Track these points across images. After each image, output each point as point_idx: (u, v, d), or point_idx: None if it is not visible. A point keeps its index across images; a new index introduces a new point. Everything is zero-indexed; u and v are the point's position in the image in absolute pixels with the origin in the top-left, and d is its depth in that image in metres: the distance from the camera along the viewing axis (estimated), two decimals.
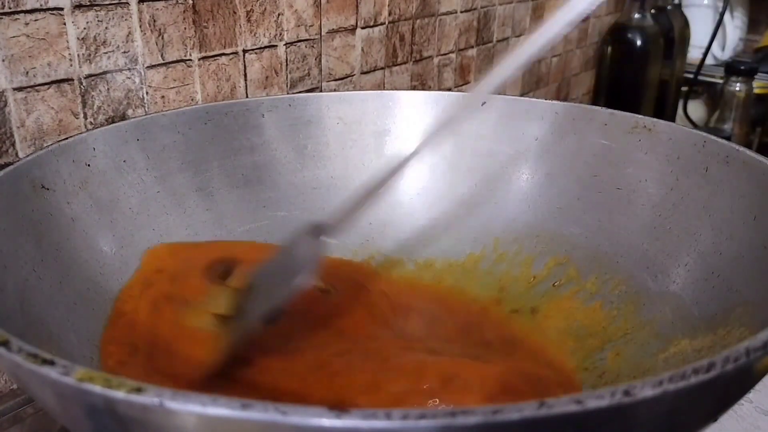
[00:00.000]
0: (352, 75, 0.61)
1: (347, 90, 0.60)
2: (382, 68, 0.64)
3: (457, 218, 0.45)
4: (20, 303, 0.27)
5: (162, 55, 0.45)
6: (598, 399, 0.16)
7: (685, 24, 1.00)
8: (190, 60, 0.47)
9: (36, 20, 0.38)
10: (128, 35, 0.43)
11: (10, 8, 0.37)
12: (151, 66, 0.44)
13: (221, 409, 0.16)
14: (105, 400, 0.17)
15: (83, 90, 0.41)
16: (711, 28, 0.97)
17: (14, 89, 0.38)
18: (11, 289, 0.27)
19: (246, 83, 0.51)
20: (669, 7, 0.97)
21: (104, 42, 0.42)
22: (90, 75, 0.41)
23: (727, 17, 1.06)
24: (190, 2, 0.46)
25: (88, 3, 0.40)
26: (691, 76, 0.97)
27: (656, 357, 0.32)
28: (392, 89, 0.64)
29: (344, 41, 0.59)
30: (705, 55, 0.95)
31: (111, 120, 0.43)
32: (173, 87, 0.46)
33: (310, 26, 0.55)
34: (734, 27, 1.11)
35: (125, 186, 0.37)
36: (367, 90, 0.60)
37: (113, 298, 0.33)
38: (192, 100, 0.47)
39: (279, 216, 0.44)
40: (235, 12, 0.49)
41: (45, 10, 0.38)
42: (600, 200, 0.40)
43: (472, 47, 0.76)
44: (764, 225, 0.30)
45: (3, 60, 0.37)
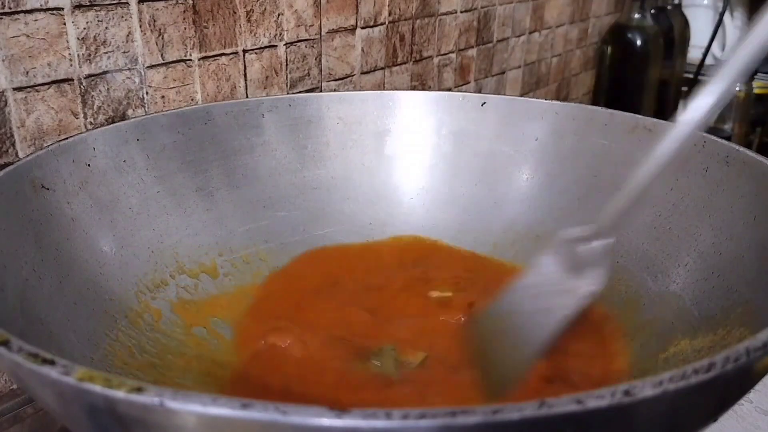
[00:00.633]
0: (352, 75, 0.61)
1: (347, 90, 0.60)
2: (382, 68, 0.64)
3: (457, 218, 0.45)
4: (20, 303, 0.27)
5: (162, 55, 0.45)
6: (599, 399, 0.16)
7: (685, 24, 1.00)
8: (190, 60, 0.47)
9: (36, 20, 0.38)
10: (128, 35, 0.43)
11: (10, 8, 0.37)
12: (151, 66, 0.44)
13: (222, 409, 0.16)
14: (105, 400, 0.17)
15: (83, 90, 0.41)
16: (711, 28, 0.97)
17: (14, 89, 0.38)
18: (11, 289, 0.27)
19: (246, 83, 0.51)
20: (669, 7, 0.97)
21: (104, 42, 0.41)
22: (90, 75, 0.41)
23: (727, 17, 1.06)
24: (191, 2, 0.46)
25: (88, 3, 0.40)
26: (691, 76, 0.97)
27: (656, 357, 0.32)
28: (392, 89, 0.64)
29: (344, 41, 0.59)
30: (705, 55, 0.95)
31: (111, 120, 0.43)
32: (173, 87, 0.46)
33: (310, 26, 0.55)
34: (734, 27, 1.11)
35: (125, 186, 0.37)
36: (367, 90, 0.60)
37: (112, 299, 0.33)
38: (192, 100, 0.47)
39: (279, 216, 0.44)
40: (235, 12, 0.49)
41: (45, 10, 0.38)
42: (600, 201, 0.40)
43: (472, 47, 0.76)
44: (764, 225, 0.30)
45: (3, 60, 0.37)
